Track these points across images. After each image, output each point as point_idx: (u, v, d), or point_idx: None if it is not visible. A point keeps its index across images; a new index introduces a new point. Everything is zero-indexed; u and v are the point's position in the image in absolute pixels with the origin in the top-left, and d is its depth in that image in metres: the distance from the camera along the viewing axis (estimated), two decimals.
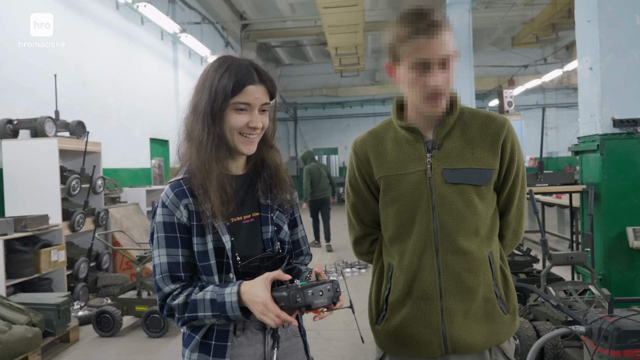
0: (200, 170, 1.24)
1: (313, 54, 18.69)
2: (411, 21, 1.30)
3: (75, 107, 6.60)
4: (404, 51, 1.31)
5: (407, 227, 1.40)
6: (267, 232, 1.33)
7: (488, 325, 1.39)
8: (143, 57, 8.92)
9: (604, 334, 2.70)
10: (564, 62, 16.03)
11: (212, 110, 1.24)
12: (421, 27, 1.27)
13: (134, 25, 8.56)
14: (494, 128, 1.41)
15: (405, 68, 1.33)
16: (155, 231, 1.25)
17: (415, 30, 1.28)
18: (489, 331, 1.39)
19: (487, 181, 1.39)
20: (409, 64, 1.31)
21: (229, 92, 1.23)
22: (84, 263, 5.55)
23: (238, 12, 13.89)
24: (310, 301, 1.09)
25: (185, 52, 10.61)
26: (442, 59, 1.30)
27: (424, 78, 1.30)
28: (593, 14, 3.85)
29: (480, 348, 1.38)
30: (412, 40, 1.29)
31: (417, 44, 1.28)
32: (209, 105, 1.24)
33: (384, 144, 1.47)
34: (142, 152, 8.79)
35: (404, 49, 1.31)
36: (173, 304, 1.20)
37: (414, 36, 1.28)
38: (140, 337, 4.45)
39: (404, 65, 1.33)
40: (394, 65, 1.38)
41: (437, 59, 1.29)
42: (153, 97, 9.22)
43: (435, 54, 1.29)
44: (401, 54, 1.32)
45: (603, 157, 3.84)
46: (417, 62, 1.30)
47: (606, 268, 3.85)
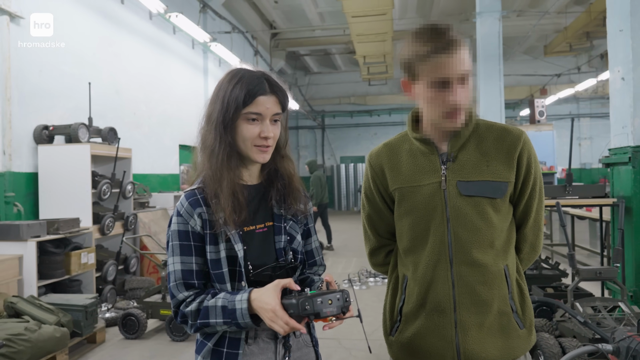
0: (212, 178, 1.27)
1: (342, 62, 18.76)
2: (429, 39, 1.29)
3: (108, 114, 6.79)
4: (423, 69, 1.31)
5: (422, 238, 1.41)
6: (280, 242, 1.35)
7: (503, 340, 1.37)
8: (174, 66, 9.13)
9: (632, 354, 2.62)
10: (599, 71, 15.61)
11: (224, 120, 1.27)
12: (440, 46, 1.27)
13: (166, 35, 8.78)
14: (510, 141, 1.40)
15: (424, 85, 1.32)
16: (170, 239, 1.28)
17: (434, 49, 1.28)
18: (504, 346, 1.37)
19: (502, 194, 1.38)
20: (428, 82, 1.31)
21: (241, 102, 1.25)
22: (112, 266, 5.68)
23: (268, 21, 14.08)
24: (319, 309, 1.10)
25: (215, 61, 10.80)
26: (461, 76, 1.30)
27: (444, 95, 1.31)
28: (625, 23, 3.77)
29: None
30: (431, 58, 1.28)
31: (436, 63, 1.28)
32: (221, 115, 1.27)
33: (398, 156, 1.48)
34: (172, 158, 8.97)
35: (422, 67, 1.31)
36: (186, 310, 1.23)
37: (433, 55, 1.28)
38: (164, 340, 4.52)
39: (422, 83, 1.33)
40: (411, 83, 1.38)
41: (457, 76, 1.29)
42: (183, 104, 9.42)
43: (455, 72, 1.29)
44: (419, 72, 1.32)
45: (635, 169, 3.74)
46: (437, 81, 1.30)
47: (637, 285, 3.73)
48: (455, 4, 13.16)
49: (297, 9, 13.15)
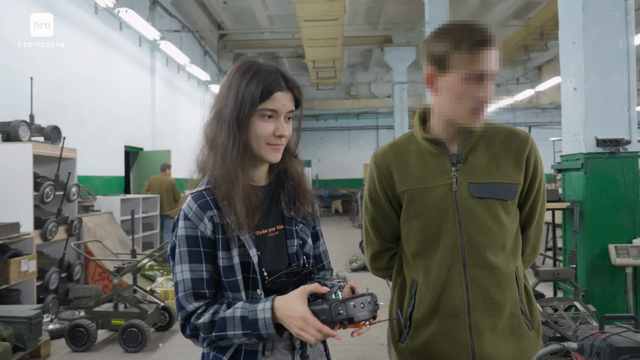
0: (225, 179, 1.18)
1: (289, 67, 18.70)
2: (470, 32, 1.28)
3: (50, 112, 6.38)
4: (459, 61, 1.28)
5: (433, 241, 1.38)
6: (293, 246, 1.28)
7: (515, 342, 1.37)
8: (120, 63, 8.73)
9: (596, 351, 2.74)
10: (534, 82, 16.52)
11: (239, 117, 1.18)
12: (482, 39, 1.27)
13: (112, 31, 8.38)
14: (518, 143, 1.41)
15: (456, 78, 1.30)
16: (177, 245, 1.18)
17: (476, 42, 1.27)
18: (517, 348, 1.37)
19: (512, 196, 1.38)
20: (463, 75, 1.28)
21: (257, 98, 1.18)
22: (55, 274, 5.31)
23: (216, 21, 13.82)
24: (352, 314, 1.04)
25: (163, 60, 10.45)
26: (493, 73, 1.29)
27: (475, 90, 1.29)
28: (578, 37, 3.96)
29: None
30: (471, 51, 1.27)
31: (475, 56, 1.27)
32: (235, 112, 1.19)
33: (406, 157, 1.45)
34: (117, 160, 8.56)
35: (459, 59, 1.28)
36: (198, 323, 1.13)
37: (474, 47, 1.27)
38: (116, 352, 4.27)
39: (454, 76, 1.30)
40: (439, 75, 1.34)
41: (490, 73, 1.29)
42: (129, 104, 9.03)
43: (490, 68, 1.28)
44: (453, 64, 1.29)
45: (587, 175, 3.93)
46: (473, 74, 1.28)
47: (589, 284, 3.91)
48: (402, 13, 13.48)
49: (247, 11, 12.98)
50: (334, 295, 1.11)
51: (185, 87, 12.34)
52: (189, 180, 1.31)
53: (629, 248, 3.82)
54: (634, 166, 3.92)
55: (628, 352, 2.67)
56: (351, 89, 20.01)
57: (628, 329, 2.89)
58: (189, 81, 12.51)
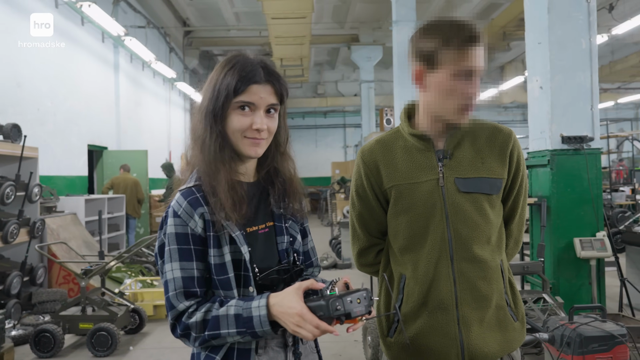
0: (206, 172, 1.17)
1: None
2: (459, 29, 1.30)
3: (8, 109, 6.13)
4: (448, 58, 1.29)
5: (420, 236, 1.39)
6: (283, 243, 1.26)
7: (501, 334, 1.39)
8: (82, 60, 8.47)
9: (566, 341, 2.83)
10: (497, 82, 16.93)
11: (214, 108, 1.17)
12: (470, 36, 1.28)
13: (74, 25, 8.11)
14: (502, 138, 1.44)
15: (445, 75, 1.31)
16: (166, 243, 1.15)
17: (465, 39, 1.28)
18: (503, 339, 1.39)
19: (497, 190, 1.41)
20: (453, 72, 1.30)
21: (231, 90, 1.15)
22: (17, 277, 5.10)
23: (181, 18, 13.58)
24: (349, 309, 1.04)
25: (127, 57, 10.19)
26: (480, 70, 1.31)
27: (464, 86, 1.31)
28: (544, 37, 4.08)
29: (496, 357, 1.38)
30: (460, 48, 1.28)
31: (464, 53, 1.28)
32: (211, 104, 1.17)
33: (393, 152, 1.46)
34: (80, 159, 8.30)
35: (448, 56, 1.29)
36: (190, 322, 1.10)
37: (463, 44, 1.28)
38: (85, 356, 4.14)
39: (443, 72, 1.31)
40: (427, 72, 1.35)
41: (478, 70, 1.31)
42: (92, 101, 8.77)
43: (478, 65, 1.30)
44: (442, 61, 1.30)
45: (553, 171, 4.05)
46: (462, 70, 1.29)
47: (556, 277, 4.04)
48: (369, 12, 13.57)
49: (213, 7, 12.81)
50: (328, 291, 1.10)
51: (150, 85, 12.08)
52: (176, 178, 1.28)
53: (593, 241, 3.97)
54: (597, 162, 4.07)
55: (596, 341, 2.77)
56: (318, 88, 20.03)
57: (595, 318, 3.00)
58: (154, 79, 12.24)
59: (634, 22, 8.90)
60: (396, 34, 10.09)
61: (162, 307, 5.25)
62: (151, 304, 5.18)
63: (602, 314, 3.03)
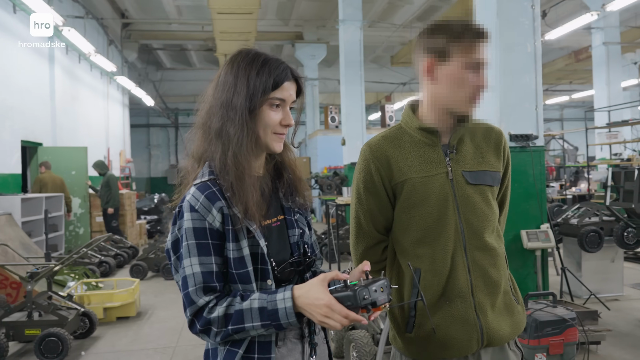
0: (235, 169, 1.16)
1: (197, 60, 18.17)
2: (467, 26, 1.39)
3: None
4: (459, 51, 1.38)
5: (435, 228, 1.44)
6: (294, 236, 1.28)
7: (510, 317, 1.48)
8: (13, 50, 7.93)
9: None
10: None
11: (250, 105, 1.18)
12: (479, 32, 1.39)
13: (3, 12, 7.58)
14: (495, 135, 1.54)
15: (457, 66, 1.39)
16: (184, 238, 1.13)
17: (475, 34, 1.39)
18: (512, 322, 1.48)
19: (498, 182, 1.51)
20: (463, 63, 1.38)
21: (269, 87, 1.19)
22: None
23: (119, 9, 13.03)
24: (375, 298, 1.07)
25: (62, 48, 9.65)
26: (486, 63, 1.41)
27: (474, 77, 1.39)
28: (494, 40, 4.30)
29: (508, 339, 1.46)
30: (472, 41, 1.38)
31: (475, 46, 1.38)
32: (247, 101, 1.18)
33: (402, 147, 1.49)
34: (12, 156, 7.78)
35: (459, 49, 1.38)
36: (212, 317, 1.09)
37: (474, 38, 1.38)
38: None
39: (455, 63, 1.39)
40: (438, 64, 1.42)
41: (485, 62, 1.41)
42: (26, 95, 8.25)
43: (485, 57, 1.40)
44: (453, 53, 1.39)
45: None
46: (472, 62, 1.38)
47: None
48: (313, 10, 13.65)
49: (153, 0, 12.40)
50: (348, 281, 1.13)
51: (88, 79, 11.51)
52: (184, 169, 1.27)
53: (538, 233, 4.24)
54: (541, 159, 4.35)
55: (550, 325, 2.98)
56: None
57: (547, 304, 3.21)
58: (91, 72, 11.67)
59: (565, 29, 9.54)
60: (343, 32, 10.21)
61: (113, 309, 5.06)
62: (101, 307, 4.97)
63: (553, 300, 3.25)
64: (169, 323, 4.98)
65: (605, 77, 11.98)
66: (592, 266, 5.30)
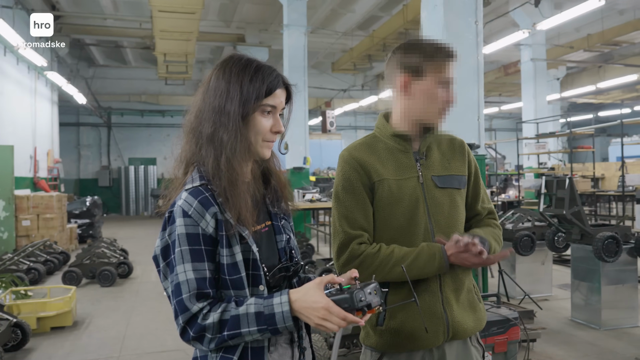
0: (227, 175, 1.16)
1: (132, 58, 17.51)
2: (440, 47, 1.56)
3: None
4: (432, 69, 1.53)
5: (407, 227, 1.55)
6: (282, 241, 1.30)
7: (472, 313, 1.61)
8: None
9: None
10: (373, 90, 17.99)
11: (243, 112, 1.19)
12: (450, 53, 1.57)
13: None
14: (458, 144, 1.70)
15: (430, 83, 1.53)
16: (176, 244, 1.11)
17: (447, 54, 1.56)
18: (475, 318, 1.61)
19: (464, 185, 1.64)
20: (437, 80, 1.53)
21: (262, 94, 1.21)
22: None
23: (50, 1, 12.32)
24: (370, 300, 1.11)
25: None
26: (454, 80, 1.56)
27: (445, 93, 1.55)
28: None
29: (471, 332, 1.59)
30: (445, 60, 1.54)
31: (447, 65, 1.55)
32: (240, 107, 1.19)
33: (378, 153, 1.61)
34: None
35: (432, 67, 1.53)
36: (206, 323, 1.08)
37: (446, 58, 1.55)
38: None
39: (429, 80, 1.53)
40: (414, 80, 1.55)
41: (454, 80, 1.55)
42: None
43: (454, 76, 1.55)
44: (427, 71, 1.52)
45: None
46: (444, 80, 1.54)
47: None
48: (256, 13, 13.57)
49: None
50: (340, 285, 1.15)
51: (13, 73, 10.77)
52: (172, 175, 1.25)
53: None
54: (482, 167, 4.59)
55: (496, 325, 3.14)
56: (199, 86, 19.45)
57: (492, 305, 3.39)
58: (17, 66, 10.94)
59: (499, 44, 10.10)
60: (287, 37, 10.25)
61: (46, 319, 4.76)
62: (34, 317, 4.67)
63: (497, 301, 3.43)
64: (110, 332, 4.76)
65: (532, 91, 12.80)
66: (525, 268, 5.65)
